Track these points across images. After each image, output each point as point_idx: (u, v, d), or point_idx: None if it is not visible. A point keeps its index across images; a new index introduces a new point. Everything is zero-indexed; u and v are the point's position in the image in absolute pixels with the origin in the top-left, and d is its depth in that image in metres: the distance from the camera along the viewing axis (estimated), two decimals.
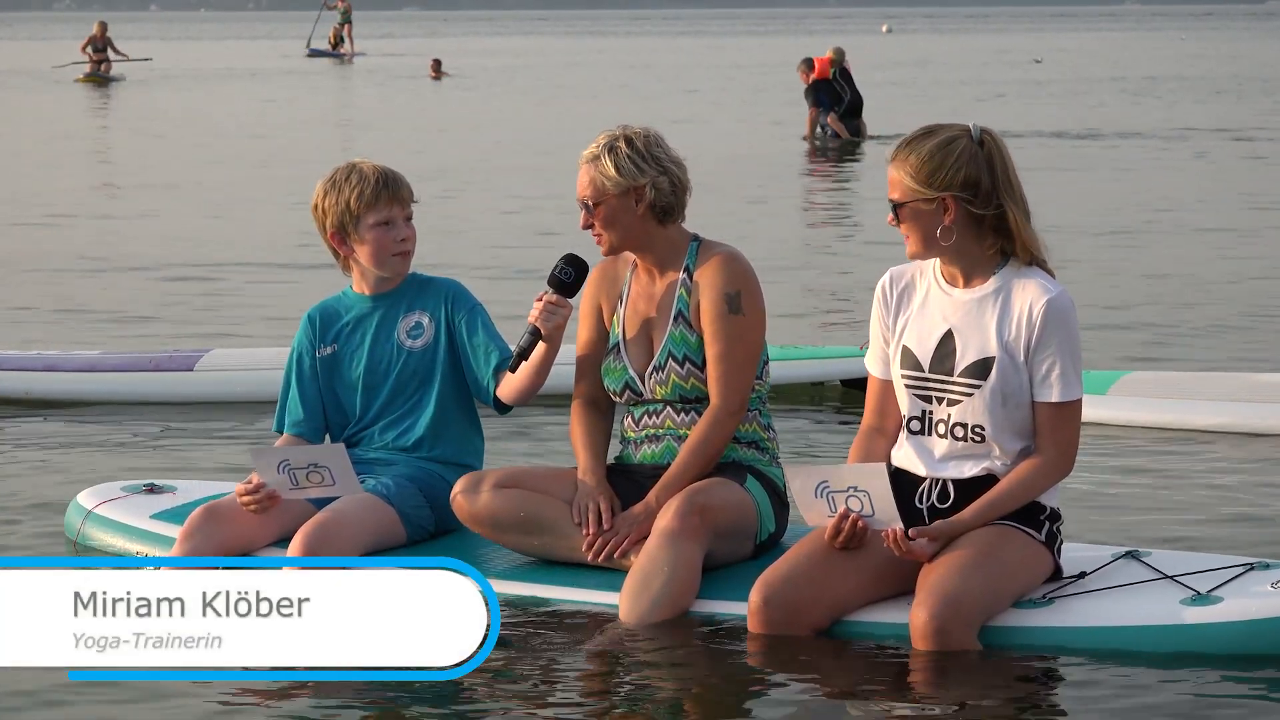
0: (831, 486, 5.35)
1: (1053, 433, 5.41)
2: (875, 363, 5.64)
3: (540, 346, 5.96)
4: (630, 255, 6.04)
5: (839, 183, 21.79)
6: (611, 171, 5.89)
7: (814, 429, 8.69)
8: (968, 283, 5.49)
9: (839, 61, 26.53)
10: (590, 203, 5.93)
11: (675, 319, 5.92)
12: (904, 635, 5.31)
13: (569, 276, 5.95)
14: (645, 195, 5.89)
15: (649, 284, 6.01)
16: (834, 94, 26.49)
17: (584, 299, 6.09)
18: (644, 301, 6.00)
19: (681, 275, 5.95)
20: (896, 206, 5.45)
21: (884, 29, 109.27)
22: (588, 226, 5.97)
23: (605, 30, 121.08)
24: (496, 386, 6.17)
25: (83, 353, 9.71)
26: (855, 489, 5.32)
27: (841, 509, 5.36)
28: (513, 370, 6.01)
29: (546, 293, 5.95)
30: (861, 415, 5.69)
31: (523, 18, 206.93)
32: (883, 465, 5.36)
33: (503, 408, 6.23)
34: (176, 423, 8.92)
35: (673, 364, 5.91)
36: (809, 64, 26.45)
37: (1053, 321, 5.38)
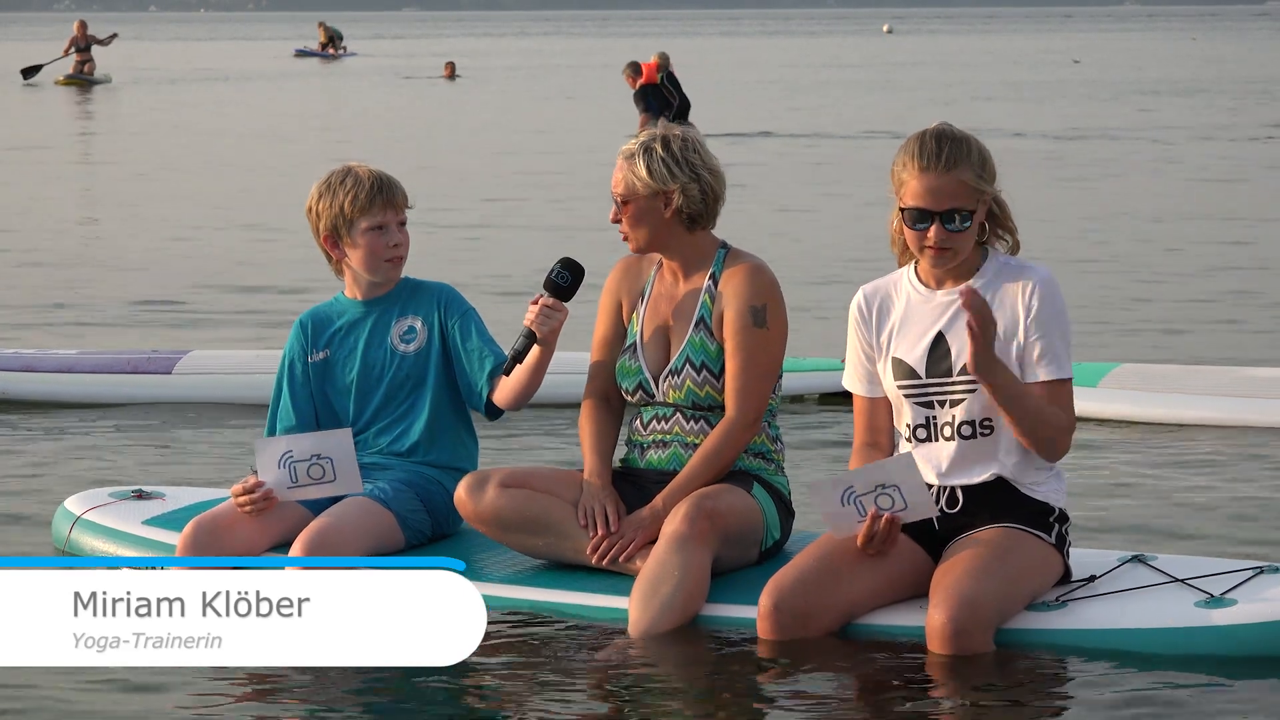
0: (858, 491, 5.32)
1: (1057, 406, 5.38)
2: (858, 382, 5.61)
3: (535, 350, 5.93)
4: (655, 254, 6.01)
5: None
6: (643, 173, 5.86)
7: (798, 436, 8.65)
8: (949, 283, 5.47)
9: (665, 66, 27.03)
10: (620, 200, 5.91)
11: (697, 325, 5.88)
12: (916, 638, 5.28)
13: (565, 281, 5.92)
14: (674, 200, 5.85)
15: (672, 286, 5.97)
16: (662, 98, 26.97)
17: (605, 294, 6.05)
18: (665, 303, 5.97)
19: (706, 282, 5.91)
20: (970, 213, 5.37)
21: (885, 29, 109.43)
22: (616, 221, 5.94)
23: (602, 33, 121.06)
24: (490, 391, 6.14)
25: (60, 352, 9.62)
26: (883, 486, 5.29)
27: (871, 510, 5.33)
28: (507, 373, 5.98)
29: (542, 296, 5.92)
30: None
31: (521, 19, 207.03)
32: (911, 456, 5.32)
33: (494, 413, 6.20)
34: (155, 425, 8.86)
35: (690, 370, 5.88)
36: (635, 69, 26.92)
37: (1047, 301, 5.38)
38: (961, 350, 5.41)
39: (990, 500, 5.43)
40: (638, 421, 6.02)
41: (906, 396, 5.48)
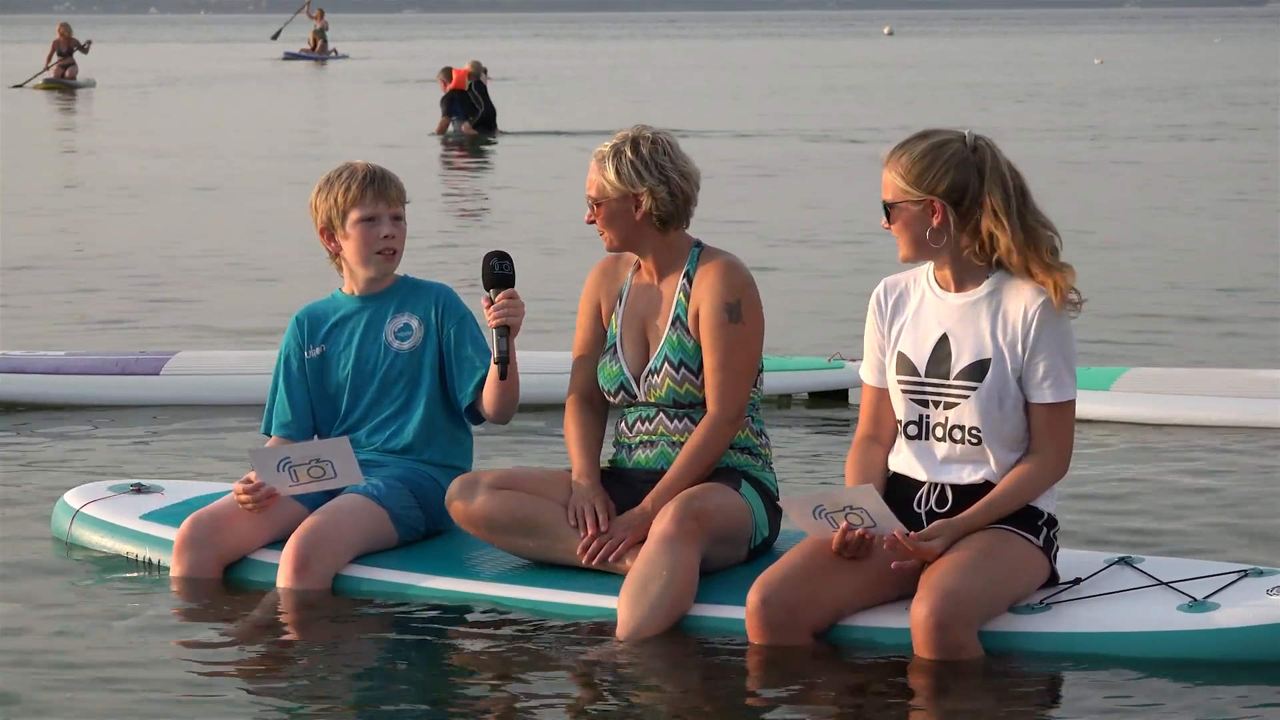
0: (827, 509, 5.37)
1: (1049, 433, 5.42)
2: (870, 372, 5.64)
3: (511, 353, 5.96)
4: (633, 255, 6.03)
5: (476, 175, 22.88)
6: (611, 176, 5.90)
7: (787, 435, 8.63)
8: (961, 287, 5.49)
9: (476, 75, 27.87)
10: (593, 202, 5.94)
11: (673, 324, 5.91)
12: (904, 640, 5.30)
13: (508, 269, 5.99)
14: (643, 203, 5.88)
15: (649, 286, 6.00)
16: (469, 105, 27.87)
17: (583, 296, 6.10)
18: (643, 303, 5.99)
19: (681, 281, 5.94)
20: (888, 208, 5.45)
21: (886, 31, 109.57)
22: (591, 222, 5.97)
23: (599, 35, 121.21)
24: (474, 401, 6.19)
25: (48, 354, 9.60)
26: (851, 508, 5.33)
27: (843, 524, 5.35)
28: (504, 377, 6.00)
29: (492, 294, 5.95)
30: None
31: (521, 20, 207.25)
32: (870, 486, 5.37)
33: (477, 419, 6.26)
34: (147, 424, 8.88)
35: (669, 368, 5.90)
36: (447, 74, 27.77)
37: (1047, 324, 5.39)
38: (961, 354, 5.44)
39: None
40: (623, 424, 6.05)
41: (904, 392, 5.51)
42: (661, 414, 5.94)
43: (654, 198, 5.88)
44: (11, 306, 12.61)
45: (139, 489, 6.70)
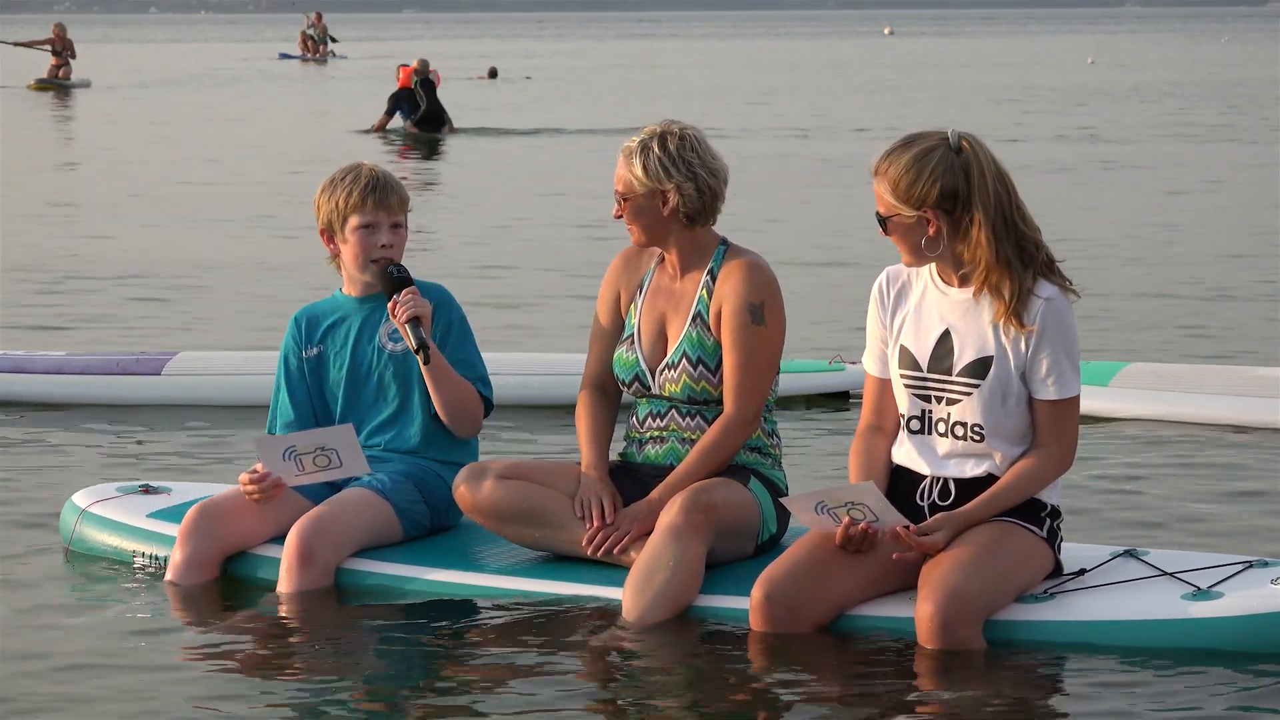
0: (828, 504, 5.38)
1: (1052, 429, 5.43)
2: (872, 362, 5.64)
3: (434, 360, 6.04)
4: (657, 247, 6.03)
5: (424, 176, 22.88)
6: (639, 172, 5.89)
7: (786, 435, 8.64)
8: (963, 282, 5.49)
9: (422, 72, 28.34)
10: (620, 196, 5.95)
11: (694, 320, 5.91)
12: (906, 630, 5.32)
13: (404, 273, 6.10)
14: (670, 199, 5.88)
15: (671, 280, 6.00)
16: (413, 102, 28.36)
17: (604, 285, 6.11)
18: (664, 296, 6.00)
19: (704, 278, 5.93)
20: (882, 220, 5.44)
21: (886, 31, 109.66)
22: (619, 216, 5.98)
23: (602, 34, 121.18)
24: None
25: (49, 354, 9.60)
26: (852, 504, 5.35)
27: (846, 519, 5.37)
28: (427, 362, 6.05)
29: (396, 299, 6.03)
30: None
31: (523, 20, 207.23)
32: (871, 483, 5.39)
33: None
34: (148, 425, 8.89)
35: (686, 364, 5.90)
36: (398, 72, 28.51)
37: (1049, 321, 5.39)
38: (964, 351, 5.44)
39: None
40: (634, 419, 6.05)
41: (906, 386, 5.52)
42: (674, 410, 5.94)
43: (681, 194, 5.87)
44: (12, 306, 12.61)
45: (146, 490, 6.70)
